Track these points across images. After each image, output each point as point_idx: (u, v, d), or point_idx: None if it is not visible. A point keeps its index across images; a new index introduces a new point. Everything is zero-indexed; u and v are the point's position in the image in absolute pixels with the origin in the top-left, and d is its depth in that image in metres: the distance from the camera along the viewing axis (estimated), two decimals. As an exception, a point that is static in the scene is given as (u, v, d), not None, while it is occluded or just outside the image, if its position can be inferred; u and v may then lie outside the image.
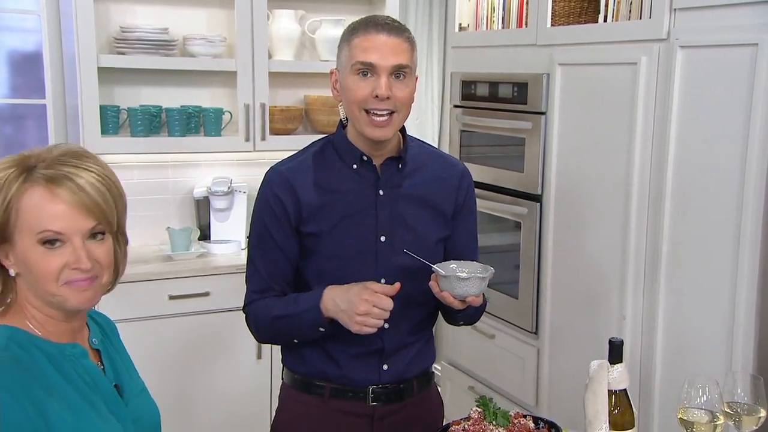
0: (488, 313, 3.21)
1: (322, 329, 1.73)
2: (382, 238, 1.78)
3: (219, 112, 3.42)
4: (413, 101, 1.77)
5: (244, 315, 1.86)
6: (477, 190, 3.20)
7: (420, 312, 1.86)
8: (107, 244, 1.35)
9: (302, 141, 2.26)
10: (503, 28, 3.18)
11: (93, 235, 1.32)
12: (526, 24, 3.01)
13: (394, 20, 1.74)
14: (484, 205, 3.17)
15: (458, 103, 3.34)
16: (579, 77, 2.70)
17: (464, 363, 3.46)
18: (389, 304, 1.64)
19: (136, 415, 1.41)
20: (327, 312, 1.69)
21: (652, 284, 2.43)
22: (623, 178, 2.51)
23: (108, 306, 3.01)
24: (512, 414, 1.46)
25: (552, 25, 2.87)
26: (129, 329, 3.05)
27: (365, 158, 1.78)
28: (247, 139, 3.42)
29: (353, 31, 1.72)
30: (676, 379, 2.30)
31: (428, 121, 4.24)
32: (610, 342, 1.50)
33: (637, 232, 2.48)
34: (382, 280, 1.77)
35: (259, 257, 1.82)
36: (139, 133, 3.28)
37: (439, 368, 3.62)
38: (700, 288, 2.27)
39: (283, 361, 1.92)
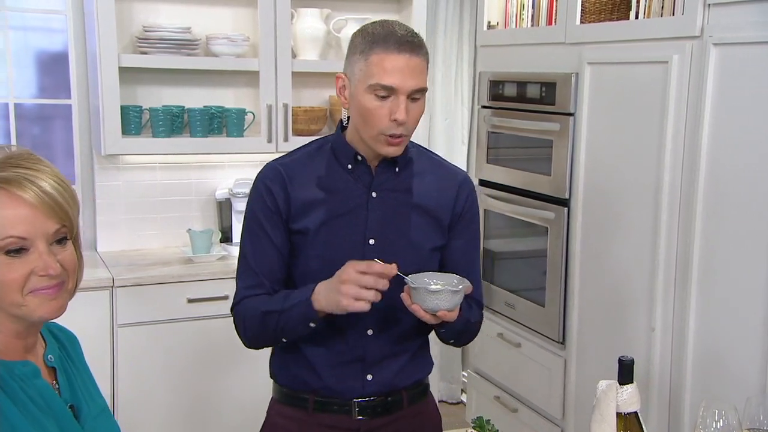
0: (514, 320, 3.11)
1: (312, 324, 1.65)
2: (371, 242, 1.72)
3: (241, 113, 3.37)
4: None
5: (232, 317, 1.80)
6: (503, 194, 3.15)
7: (408, 320, 1.73)
8: (71, 248, 1.27)
9: (325, 143, 2.22)
10: (532, 26, 3.08)
11: (57, 239, 1.24)
12: (555, 21, 2.90)
13: (412, 34, 1.65)
14: (510, 209, 3.09)
15: (486, 104, 3.25)
16: (608, 77, 2.59)
17: (490, 372, 3.36)
18: (376, 280, 1.55)
19: None
20: (319, 305, 1.62)
21: (683, 293, 2.31)
22: (654, 182, 2.40)
23: (124, 308, 3.02)
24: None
25: (582, 22, 2.76)
26: (146, 332, 3.06)
27: (360, 158, 1.73)
28: (270, 140, 3.37)
29: (372, 44, 1.62)
30: (708, 397, 2.18)
31: (457, 122, 4.13)
32: (620, 361, 1.39)
33: (667, 239, 2.37)
34: None
35: (251, 252, 1.76)
36: (160, 134, 3.24)
37: (466, 376, 3.53)
38: (734, 298, 2.16)
39: (271, 374, 1.86)
